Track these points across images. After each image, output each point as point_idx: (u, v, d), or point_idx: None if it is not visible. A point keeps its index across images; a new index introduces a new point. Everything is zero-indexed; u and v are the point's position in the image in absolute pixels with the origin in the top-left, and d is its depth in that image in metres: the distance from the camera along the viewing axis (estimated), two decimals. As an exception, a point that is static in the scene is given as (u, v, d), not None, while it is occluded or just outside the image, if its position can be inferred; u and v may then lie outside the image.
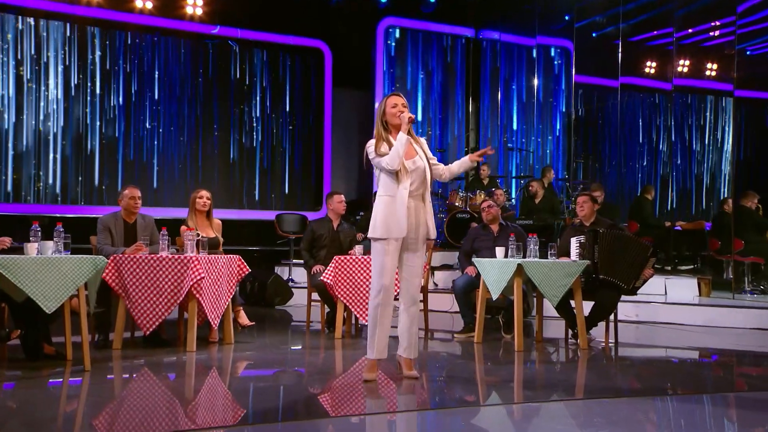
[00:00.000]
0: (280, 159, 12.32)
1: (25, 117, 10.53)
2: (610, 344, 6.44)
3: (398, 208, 4.45)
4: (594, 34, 12.32)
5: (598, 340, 6.57)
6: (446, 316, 8.39)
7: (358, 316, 6.43)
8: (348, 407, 4.09)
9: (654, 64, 12.13)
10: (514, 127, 13.17)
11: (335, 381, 4.77)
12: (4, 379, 4.52)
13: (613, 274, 6.18)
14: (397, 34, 12.83)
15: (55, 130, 10.73)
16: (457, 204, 10.85)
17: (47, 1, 10.69)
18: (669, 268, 10.39)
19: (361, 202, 12.01)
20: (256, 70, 12.18)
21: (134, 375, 4.93)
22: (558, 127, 13.13)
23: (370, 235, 4.53)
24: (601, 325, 6.48)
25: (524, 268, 5.87)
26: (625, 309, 8.31)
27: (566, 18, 12.26)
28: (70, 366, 4.85)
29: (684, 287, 9.20)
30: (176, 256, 5.53)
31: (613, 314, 6.48)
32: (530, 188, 10.56)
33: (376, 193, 4.69)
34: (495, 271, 6.04)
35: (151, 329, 5.54)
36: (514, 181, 12.21)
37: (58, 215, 10.29)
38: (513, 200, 11.31)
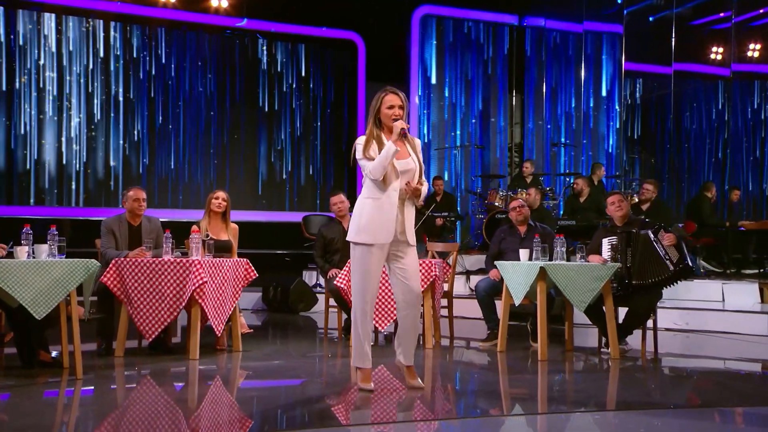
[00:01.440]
0: (311, 157, 12.40)
1: (46, 117, 10.83)
2: (647, 354, 6.29)
3: (387, 211, 4.41)
4: (651, 18, 12.09)
5: (635, 350, 6.43)
6: (480, 324, 8.31)
7: (375, 323, 6.42)
8: (340, 419, 4.09)
9: (712, 49, 11.82)
10: (561, 120, 12.99)
11: (334, 390, 4.77)
12: (-5, 386, 4.66)
13: (647, 276, 6.05)
14: (434, 24, 12.78)
15: (76, 127, 11.01)
16: (496, 204, 10.77)
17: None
18: (731, 271, 10.10)
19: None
20: (287, 64, 12.28)
21: (129, 384, 5.01)
22: (609, 119, 12.90)
23: (351, 239, 4.48)
24: (638, 333, 6.34)
25: (548, 272, 5.78)
26: (672, 316, 8.12)
27: (618, 2, 12.06)
28: (66, 374, 4.96)
29: (744, 293, 8.93)
30: (178, 260, 5.61)
31: (651, 321, 6.33)
32: (575, 186, 10.40)
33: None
34: (517, 274, 5.97)
35: (153, 335, 5.63)
36: (559, 178, 12.05)
37: (81, 218, 10.57)
38: (557, 199, 11.15)
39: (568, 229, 9.54)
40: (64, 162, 10.95)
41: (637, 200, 9.43)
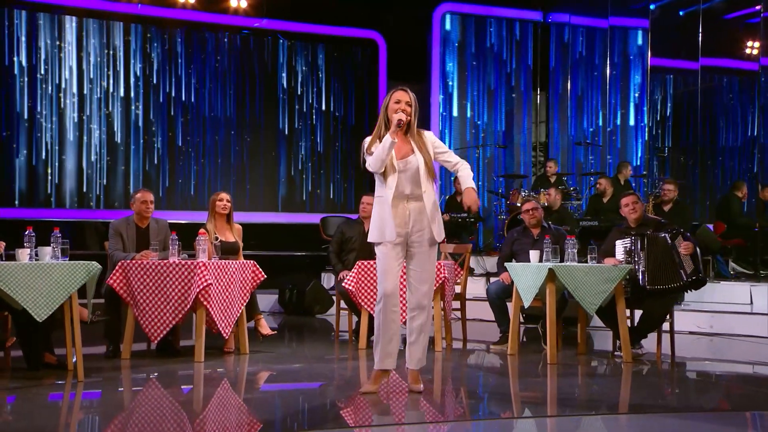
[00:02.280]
0: (331, 157, 12.48)
1: (67, 120, 11.06)
2: (662, 357, 6.25)
3: (385, 209, 4.49)
4: (680, 12, 11.98)
5: (651, 353, 6.39)
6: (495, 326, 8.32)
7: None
8: (347, 420, 4.15)
9: (743, 44, 11.68)
10: (586, 118, 12.92)
11: (337, 393, 4.83)
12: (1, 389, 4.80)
13: (659, 282, 6.01)
14: (455, 21, 12.79)
15: (97, 132, 11.23)
16: (518, 204, 10.73)
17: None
18: (761, 273, 9.96)
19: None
20: (306, 63, 12.38)
21: (132, 386, 5.11)
22: (636, 117, 12.80)
23: (369, 239, 4.62)
24: (654, 336, 6.30)
25: (557, 273, 5.78)
26: (697, 319, 8.05)
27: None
28: (70, 376, 5.06)
29: (775, 296, 8.82)
30: (183, 262, 5.70)
31: (668, 324, 6.30)
32: (598, 186, 10.34)
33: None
34: (527, 276, 5.98)
35: (158, 337, 5.73)
36: (584, 178, 11.99)
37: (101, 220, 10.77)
38: (582, 199, 11.10)
39: (591, 230, 9.50)
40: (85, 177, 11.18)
41: (657, 201, 9.35)
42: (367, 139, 4.63)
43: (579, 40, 12.91)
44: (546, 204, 9.63)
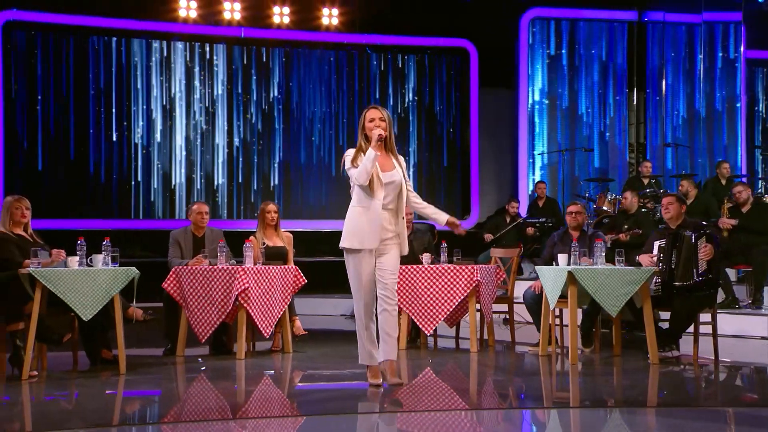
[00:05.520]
0: (425, 165, 12.86)
1: (176, 134, 12.07)
2: (699, 359, 6.23)
3: (372, 218, 4.87)
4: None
5: (687, 355, 6.38)
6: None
7: (421, 327, 6.80)
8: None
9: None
10: (681, 118, 12.65)
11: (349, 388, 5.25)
12: (58, 380, 5.54)
13: (681, 278, 6.09)
14: (543, 25, 12.87)
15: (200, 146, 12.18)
16: (605, 208, 10.71)
17: (179, 24, 12.14)
18: None
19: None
20: (397, 76, 12.85)
21: (171, 379, 5.74)
22: (736, 114, 12.41)
23: (341, 244, 4.96)
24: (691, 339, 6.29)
25: (576, 276, 5.93)
26: (754, 324, 7.84)
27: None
28: (123, 370, 5.75)
29: None
30: (224, 267, 6.29)
31: (711, 327, 6.27)
32: (680, 188, 10.16)
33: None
34: (551, 279, 6.16)
35: (205, 337, 6.35)
36: (674, 180, 11.74)
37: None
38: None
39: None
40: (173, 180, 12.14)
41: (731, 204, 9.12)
42: (348, 152, 5.01)
43: (675, 37, 12.67)
44: (623, 207, 9.60)
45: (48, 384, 5.42)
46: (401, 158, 5.10)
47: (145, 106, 12.01)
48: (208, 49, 12.29)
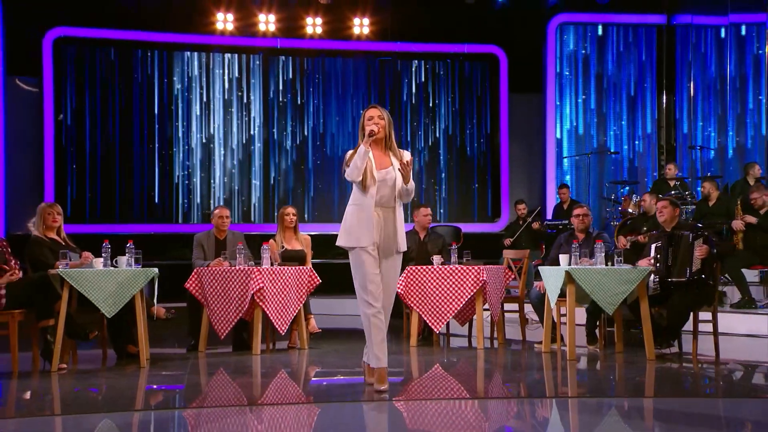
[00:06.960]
0: (455, 169, 13.14)
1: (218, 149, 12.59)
2: (698, 356, 6.40)
3: (365, 216, 4.98)
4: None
5: (686, 353, 6.55)
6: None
7: (430, 325, 7.08)
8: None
9: None
10: (710, 120, 12.68)
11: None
12: (89, 371, 6.01)
13: (675, 275, 6.33)
14: (571, 31, 13.04)
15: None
16: (630, 210, 10.85)
17: (217, 36, 12.64)
18: None
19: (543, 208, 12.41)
20: (427, 83, 13.16)
21: (190, 372, 6.14)
22: (753, 116, 12.44)
23: (337, 242, 5.11)
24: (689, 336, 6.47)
25: (573, 276, 6.16)
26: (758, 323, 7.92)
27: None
28: (147, 364, 6.17)
29: None
30: (242, 268, 6.68)
31: (712, 326, 6.44)
32: (702, 190, 10.25)
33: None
34: (550, 279, 6.41)
35: (225, 333, 6.74)
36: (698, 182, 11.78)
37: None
38: (691, 204, 10.97)
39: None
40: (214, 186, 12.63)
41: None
42: (350, 152, 5.14)
43: (704, 39, 12.71)
44: (643, 210, 9.74)
45: (75, 375, 5.87)
46: (406, 153, 5.05)
47: (186, 123, 12.57)
48: (245, 59, 12.76)
